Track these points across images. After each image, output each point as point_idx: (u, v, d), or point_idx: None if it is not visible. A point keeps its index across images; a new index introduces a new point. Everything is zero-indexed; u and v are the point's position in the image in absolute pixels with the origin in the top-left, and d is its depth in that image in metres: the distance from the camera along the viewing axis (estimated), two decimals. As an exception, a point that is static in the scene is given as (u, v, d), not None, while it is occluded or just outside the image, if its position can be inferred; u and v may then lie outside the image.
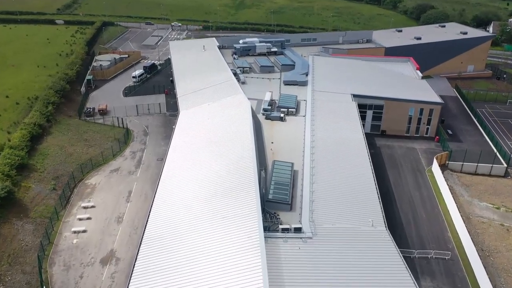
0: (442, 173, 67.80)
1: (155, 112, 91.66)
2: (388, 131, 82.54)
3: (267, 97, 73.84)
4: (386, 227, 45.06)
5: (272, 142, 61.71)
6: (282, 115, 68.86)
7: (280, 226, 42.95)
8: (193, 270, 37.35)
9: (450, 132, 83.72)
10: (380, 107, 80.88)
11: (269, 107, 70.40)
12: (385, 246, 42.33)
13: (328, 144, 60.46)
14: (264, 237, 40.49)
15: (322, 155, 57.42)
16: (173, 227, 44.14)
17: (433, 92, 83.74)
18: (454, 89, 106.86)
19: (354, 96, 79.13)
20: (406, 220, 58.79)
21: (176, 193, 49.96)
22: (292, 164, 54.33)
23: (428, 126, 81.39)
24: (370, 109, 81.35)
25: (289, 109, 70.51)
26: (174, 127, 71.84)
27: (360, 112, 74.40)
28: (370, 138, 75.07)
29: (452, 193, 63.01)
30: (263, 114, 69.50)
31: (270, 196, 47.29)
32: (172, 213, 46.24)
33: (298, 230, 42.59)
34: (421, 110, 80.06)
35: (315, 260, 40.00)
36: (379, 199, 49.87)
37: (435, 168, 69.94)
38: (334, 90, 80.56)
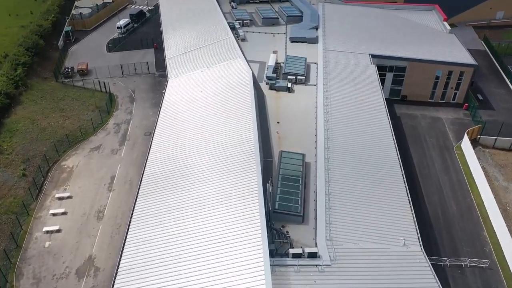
0: (474, 150, 58.33)
1: (143, 72, 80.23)
2: (409, 97, 71.91)
3: (271, 61, 62.46)
4: (421, 246, 36.53)
5: (278, 122, 51.68)
6: (289, 84, 58.06)
7: (291, 251, 34.37)
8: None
9: (480, 97, 73.01)
10: (402, 69, 69.62)
11: (274, 75, 59.35)
12: (421, 274, 34.05)
13: (345, 127, 50.51)
14: (271, 265, 32.18)
15: (338, 142, 47.70)
16: (158, 242, 35.68)
17: (465, 50, 71.93)
18: (482, 41, 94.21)
19: (373, 56, 67.71)
20: (434, 215, 50.38)
21: (162, 195, 40.86)
22: (303, 155, 44.77)
23: (456, 91, 70.65)
24: (390, 72, 70.13)
25: (298, 77, 59.53)
26: (164, 91, 61.44)
27: (379, 75, 63.59)
28: (389, 105, 64.47)
29: (486, 178, 54.06)
30: (267, 83, 58.70)
31: (276, 205, 38.30)
32: (156, 224, 37.55)
33: (313, 255, 34.08)
34: (450, 72, 68.88)
35: (334, 297, 31.96)
36: (410, 204, 40.97)
37: (466, 144, 60.38)
38: (349, 49, 68.87)
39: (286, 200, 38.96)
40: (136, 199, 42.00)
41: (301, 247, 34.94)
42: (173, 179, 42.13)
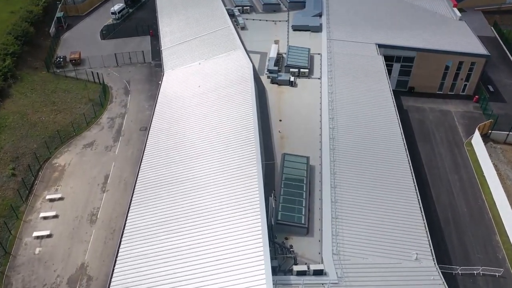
0: (485, 147, 55.52)
1: (138, 61, 76.79)
2: (417, 88, 68.82)
3: (273, 52, 59.03)
4: (434, 260, 34.15)
5: (280, 120, 48.77)
6: (292, 78, 54.90)
7: (295, 268, 31.95)
8: None
9: (491, 88, 69.80)
10: (410, 59, 66.30)
11: (276, 68, 56.04)
12: (434, 293, 31.78)
13: (352, 126, 47.63)
14: (273, 283, 29.85)
15: (345, 142, 44.93)
16: (152, 258, 33.31)
17: (476, 39, 68.36)
18: (492, 28, 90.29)
19: (380, 46, 64.33)
20: (444, 218, 47.97)
21: (156, 203, 38.38)
22: (307, 158, 42.00)
23: (466, 83, 67.46)
24: (398, 62, 66.82)
25: (301, 69, 56.29)
26: (160, 82, 58.39)
27: (385, 65, 60.42)
28: (396, 97, 60.77)
29: (498, 177, 51.43)
30: (268, 77, 55.48)
31: (279, 216, 35.73)
32: (151, 237, 35.10)
33: (319, 272, 31.70)
34: (460, 63, 65.58)
35: (342, 319, 29.73)
36: (421, 213, 38.42)
37: (476, 140, 57.62)
38: (354, 39, 65.43)
39: (289, 209, 36.39)
40: (129, 208, 39.36)
41: (306, 264, 32.52)
42: (168, 185, 39.53)
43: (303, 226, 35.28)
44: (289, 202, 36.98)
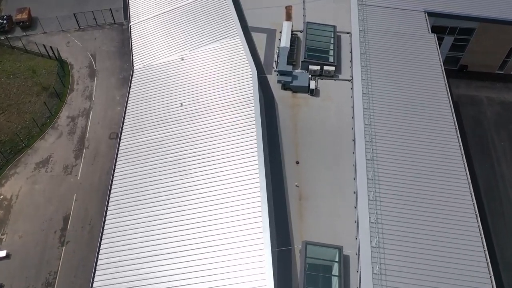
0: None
1: (106, 22, 58.95)
2: (471, 67, 52.75)
3: (285, 37, 41.67)
4: None
5: (297, 162, 34.53)
6: (313, 84, 39.10)
7: None
8: None
9: None
10: (468, 31, 49.27)
11: (289, 68, 39.55)
12: None
13: (400, 168, 33.52)
14: None
15: (392, 206, 31.37)
16: None
17: (559, 0, 50.31)
18: None
19: (429, 14, 47.00)
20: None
21: (129, 260, 27.67)
22: (340, 250, 28.86)
23: (537, 61, 51.35)
24: (451, 35, 49.85)
25: (324, 66, 40.16)
26: (128, 87, 42.22)
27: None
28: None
29: None
30: (279, 81, 39.59)
31: None
32: None
33: None
34: (535, 36, 48.85)
35: None
36: None
37: (551, 155, 43.90)
38: (396, 4, 47.64)
39: None
40: (93, 276, 28.87)
41: None
42: (146, 240, 28.22)
43: None
44: None
